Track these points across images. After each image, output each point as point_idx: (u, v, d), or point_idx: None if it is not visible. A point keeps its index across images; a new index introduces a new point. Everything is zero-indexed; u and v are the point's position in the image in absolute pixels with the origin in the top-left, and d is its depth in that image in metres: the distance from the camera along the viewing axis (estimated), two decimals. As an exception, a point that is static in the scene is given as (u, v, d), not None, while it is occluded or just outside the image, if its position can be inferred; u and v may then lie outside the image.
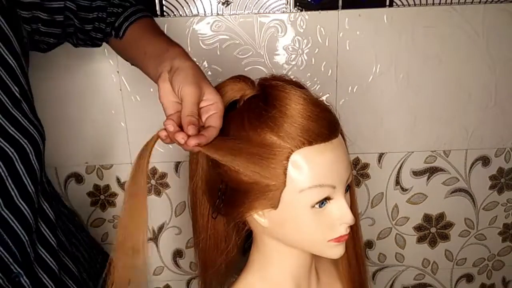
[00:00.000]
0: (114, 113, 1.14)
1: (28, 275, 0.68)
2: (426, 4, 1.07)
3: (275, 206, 0.60)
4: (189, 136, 0.58)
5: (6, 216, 0.65)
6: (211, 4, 1.05)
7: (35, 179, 0.68)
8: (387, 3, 1.07)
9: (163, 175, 1.21)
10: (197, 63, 0.68)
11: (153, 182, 1.21)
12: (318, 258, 0.75)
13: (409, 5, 1.07)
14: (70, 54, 1.08)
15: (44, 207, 0.73)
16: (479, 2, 1.07)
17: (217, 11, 1.06)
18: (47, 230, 0.73)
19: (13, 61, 0.67)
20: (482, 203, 1.28)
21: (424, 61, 1.12)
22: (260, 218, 0.63)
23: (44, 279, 0.72)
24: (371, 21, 1.08)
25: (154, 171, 1.20)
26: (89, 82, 1.11)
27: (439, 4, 1.07)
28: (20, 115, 0.66)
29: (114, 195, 1.22)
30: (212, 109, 0.63)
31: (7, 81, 0.66)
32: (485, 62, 1.13)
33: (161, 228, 1.26)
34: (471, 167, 1.23)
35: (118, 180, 1.21)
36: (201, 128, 0.61)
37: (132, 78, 1.11)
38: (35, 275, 0.70)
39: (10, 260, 0.66)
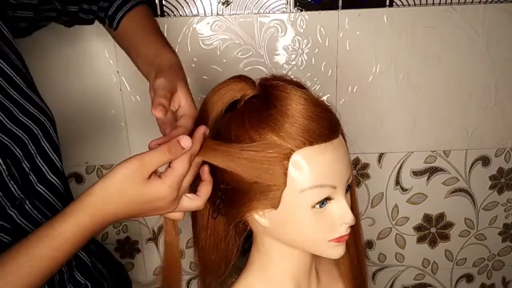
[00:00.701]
0: (114, 113, 1.14)
1: None
2: (426, 4, 1.07)
3: (275, 206, 0.60)
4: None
5: (41, 191, 0.67)
6: (211, 4, 1.05)
7: (58, 152, 0.71)
8: (387, 3, 1.07)
9: (163, 175, 1.20)
10: (185, 66, 0.72)
11: (153, 182, 1.21)
12: (318, 258, 0.75)
13: (409, 5, 1.07)
14: (70, 55, 1.08)
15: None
16: (479, 2, 1.07)
17: (217, 11, 1.06)
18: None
19: (9, 46, 0.69)
20: (482, 203, 1.28)
21: (424, 61, 1.12)
22: (260, 218, 0.63)
23: None
24: (371, 21, 1.08)
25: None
26: (89, 82, 1.11)
27: (439, 4, 1.07)
28: (33, 94, 0.69)
29: (114, 195, 1.22)
30: (181, 112, 0.65)
31: (17, 64, 0.69)
32: (485, 62, 1.13)
33: (161, 228, 1.26)
34: (471, 167, 1.23)
35: (118, 180, 1.21)
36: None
37: (132, 78, 1.11)
38: None
39: None
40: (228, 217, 0.67)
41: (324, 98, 1.14)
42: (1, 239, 0.62)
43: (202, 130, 0.59)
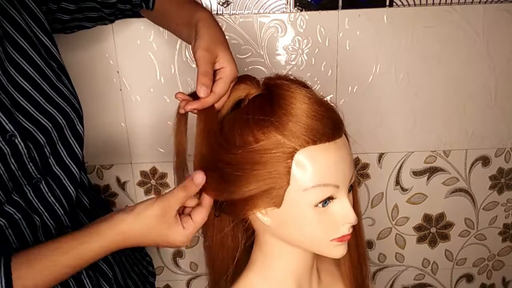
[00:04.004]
0: (114, 113, 1.14)
1: (73, 228, 0.75)
2: (426, 4, 1.07)
3: (278, 204, 0.60)
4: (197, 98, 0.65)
5: (58, 173, 0.73)
6: (211, 4, 1.05)
7: (81, 142, 0.77)
8: (387, 3, 1.07)
9: (163, 175, 1.21)
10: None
11: (153, 182, 1.21)
12: (319, 258, 0.75)
13: (409, 5, 1.07)
14: (69, 55, 1.08)
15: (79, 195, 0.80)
16: (479, 2, 1.07)
17: (217, 11, 1.06)
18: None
19: (47, 40, 0.74)
20: (482, 203, 1.28)
21: (424, 61, 1.12)
22: (263, 217, 0.63)
23: None
24: (371, 21, 1.08)
25: (154, 171, 1.20)
26: (89, 82, 1.11)
27: (439, 4, 1.07)
28: (62, 86, 0.74)
29: (114, 195, 1.22)
30: (219, 74, 0.67)
31: (46, 57, 0.72)
32: (485, 62, 1.13)
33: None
34: (471, 167, 1.23)
35: (118, 180, 1.21)
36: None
37: (132, 78, 1.11)
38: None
39: (61, 211, 0.73)
40: (231, 216, 0.67)
41: (328, 98, 1.14)
42: (13, 215, 0.67)
43: (199, 180, 0.63)
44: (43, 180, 0.71)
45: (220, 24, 1.05)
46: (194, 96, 0.67)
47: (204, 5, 1.05)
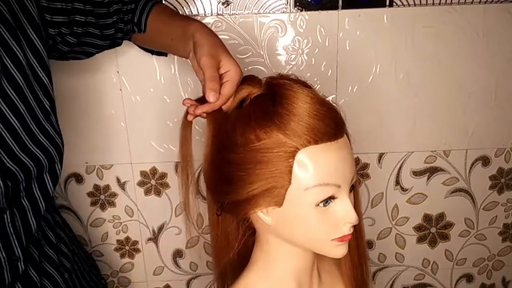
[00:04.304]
0: (114, 113, 1.14)
1: (24, 261, 0.73)
2: (426, 4, 1.07)
3: (279, 204, 0.60)
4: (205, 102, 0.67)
5: (24, 204, 0.72)
6: (211, 4, 1.05)
7: (56, 180, 0.77)
8: (387, 3, 1.07)
9: (163, 175, 1.20)
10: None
11: (153, 182, 1.21)
12: (320, 257, 0.75)
13: (409, 5, 1.07)
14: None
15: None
16: (479, 2, 1.07)
17: (217, 11, 1.06)
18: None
19: (45, 78, 0.74)
20: (482, 203, 1.28)
21: (424, 61, 1.12)
22: (264, 216, 0.63)
23: (30, 271, 0.76)
24: (371, 21, 1.08)
25: (154, 171, 1.20)
26: (89, 82, 1.11)
27: (439, 4, 1.07)
28: (49, 125, 0.74)
29: (114, 195, 1.22)
30: (225, 77, 0.68)
31: (40, 96, 0.73)
32: (485, 62, 1.13)
33: (161, 228, 1.26)
34: (471, 167, 1.23)
35: (118, 180, 1.21)
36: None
37: (132, 78, 1.11)
38: (27, 264, 0.75)
39: (16, 243, 0.71)
40: (232, 215, 0.68)
41: (330, 98, 1.14)
42: None
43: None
44: (8, 210, 0.69)
45: (220, 24, 1.06)
46: (200, 101, 0.67)
47: (204, 4, 1.05)
